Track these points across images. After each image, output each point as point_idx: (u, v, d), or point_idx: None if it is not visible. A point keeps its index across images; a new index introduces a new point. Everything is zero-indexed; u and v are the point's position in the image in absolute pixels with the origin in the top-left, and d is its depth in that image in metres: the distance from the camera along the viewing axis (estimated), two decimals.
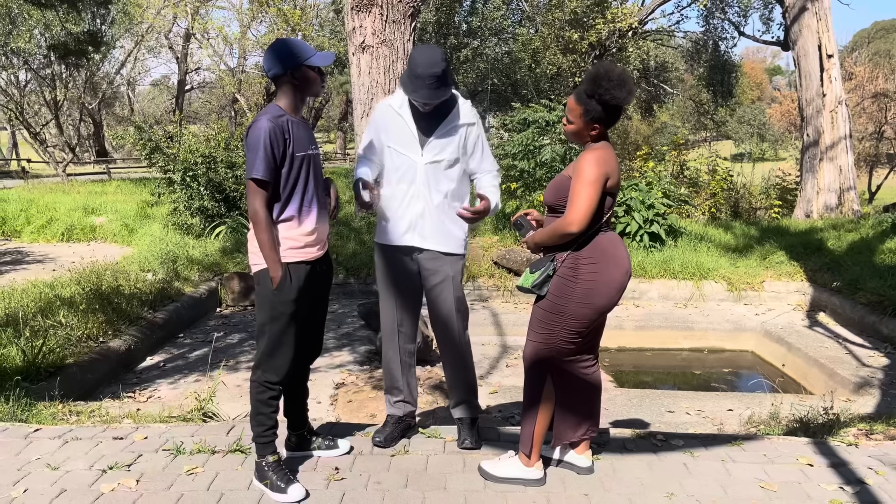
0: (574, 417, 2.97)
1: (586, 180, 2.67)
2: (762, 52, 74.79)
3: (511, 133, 10.09)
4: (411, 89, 2.98)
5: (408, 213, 3.11)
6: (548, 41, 21.22)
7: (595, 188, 2.67)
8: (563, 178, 2.83)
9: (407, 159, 3.08)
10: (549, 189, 2.88)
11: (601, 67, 2.71)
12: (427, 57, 2.93)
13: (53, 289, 6.25)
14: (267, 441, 2.87)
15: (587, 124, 2.74)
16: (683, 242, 8.94)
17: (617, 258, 2.77)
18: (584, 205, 2.66)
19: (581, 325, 2.77)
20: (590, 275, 2.73)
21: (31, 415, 3.79)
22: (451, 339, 3.22)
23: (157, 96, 46.68)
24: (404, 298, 3.22)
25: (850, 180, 12.56)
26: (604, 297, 2.74)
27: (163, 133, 11.05)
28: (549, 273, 2.77)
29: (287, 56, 2.73)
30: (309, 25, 24.40)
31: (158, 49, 35.00)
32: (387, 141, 3.12)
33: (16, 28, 19.56)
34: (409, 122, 3.08)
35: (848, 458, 3.24)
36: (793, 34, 12.85)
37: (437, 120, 3.07)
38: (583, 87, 2.73)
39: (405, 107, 3.10)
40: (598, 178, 2.67)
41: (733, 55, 27.11)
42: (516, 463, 2.96)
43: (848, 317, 6.91)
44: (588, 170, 2.67)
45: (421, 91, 2.94)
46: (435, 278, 3.15)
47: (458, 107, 3.11)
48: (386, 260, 3.22)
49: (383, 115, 3.15)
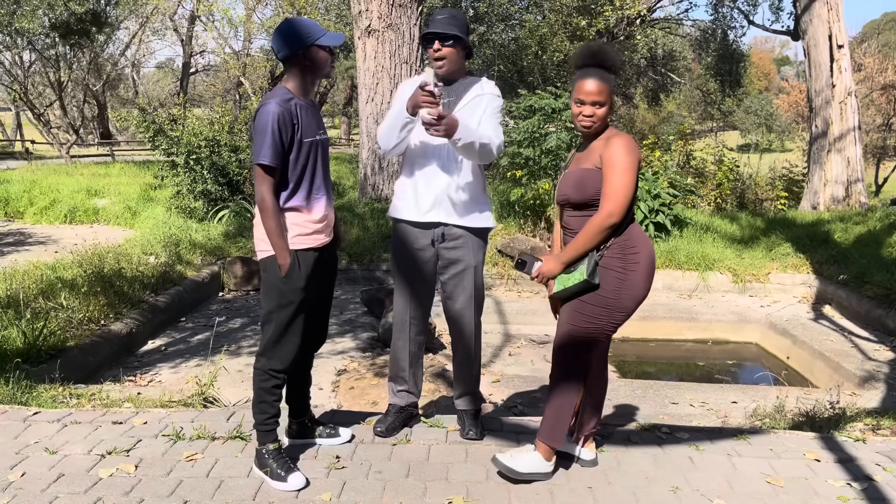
0: (594, 410, 2.95)
1: (624, 168, 2.58)
2: (770, 41, 74.30)
3: (517, 120, 10.01)
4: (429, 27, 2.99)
5: (432, 189, 3.02)
6: (555, 28, 21.05)
7: (632, 175, 2.60)
8: (584, 171, 2.70)
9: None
10: (571, 186, 2.73)
11: (593, 44, 2.69)
12: (439, 10, 3.04)
13: (55, 271, 6.22)
14: (268, 429, 2.84)
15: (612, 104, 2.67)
16: (689, 233, 8.87)
17: (648, 244, 2.72)
18: (625, 193, 2.58)
19: (625, 317, 2.72)
20: (635, 265, 2.66)
21: (31, 397, 3.77)
22: (465, 333, 3.17)
23: (161, 79, 46.52)
24: (418, 288, 3.16)
25: (857, 172, 12.45)
26: (647, 285, 2.70)
27: (167, 116, 10.99)
28: (597, 260, 2.66)
29: (296, 36, 2.66)
30: (314, 9, 24.21)
31: (163, 31, 34.77)
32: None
33: (20, 8, 19.45)
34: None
35: (855, 454, 3.20)
36: (803, 24, 12.70)
37: (460, 95, 3.03)
38: (601, 65, 2.65)
39: (430, 83, 3.05)
40: (633, 165, 2.60)
41: (742, 44, 26.87)
42: (538, 457, 2.84)
43: (854, 310, 6.86)
44: (625, 158, 2.59)
45: (434, 24, 2.96)
46: (455, 268, 3.08)
47: (482, 83, 3.06)
48: (402, 244, 3.13)
49: (409, 90, 3.05)
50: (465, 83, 3.07)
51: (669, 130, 25.43)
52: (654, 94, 29.06)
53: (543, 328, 6.43)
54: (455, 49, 2.98)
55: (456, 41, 2.97)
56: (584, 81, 2.65)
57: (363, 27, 9.34)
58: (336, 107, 42.65)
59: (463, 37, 2.97)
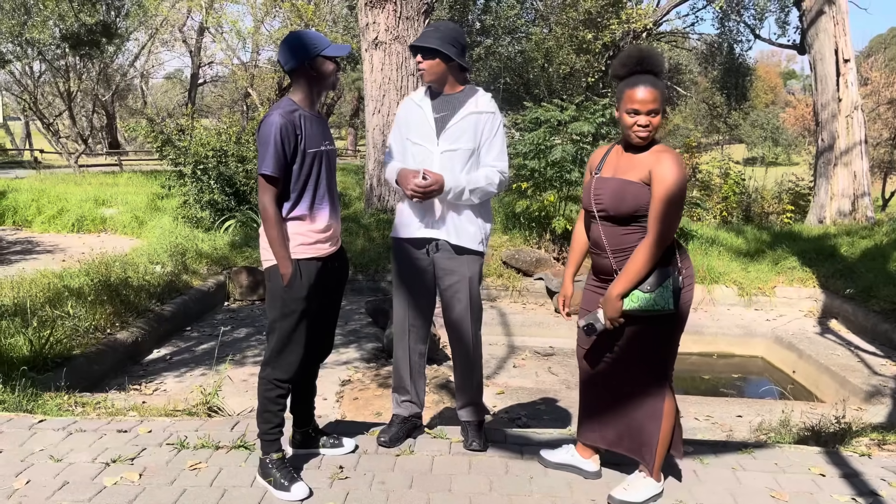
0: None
1: (678, 187, 2.47)
2: (777, 55, 74.38)
3: (522, 132, 10.03)
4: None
5: (423, 205, 3.04)
6: (561, 41, 21.11)
7: (684, 197, 2.52)
8: (629, 184, 2.57)
9: (423, 149, 3.03)
10: (611, 196, 2.60)
11: (638, 49, 2.57)
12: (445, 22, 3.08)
13: (62, 279, 6.26)
14: (272, 439, 2.84)
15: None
16: (694, 245, 8.87)
17: (688, 255, 2.71)
18: (678, 215, 2.48)
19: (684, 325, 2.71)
20: (690, 278, 2.66)
21: (37, 405, 3.78)
22: (463, 342, 3.17)
23: (169, 89, 46.81)
24: (417, 298, 3.17)
25: (864, 186, 12.44)
26: (693, 294, 2.69)
27: (175, 126, 11.07)
28: (678, 286, 2.57)
29: (301, 48, 2.70)
30: (322, 21, 24.38)
31: (172, 42, 35.09)
32: (406, 133, 3.09)
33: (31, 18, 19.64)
34: (428, 112, 3.05)
35: (861, 469, 3.18)
36: (809, 38, 12.73)
37: (455, 109, 3.04)
38: (652, 71, 2.53)
39: (425, 98, 3.09)
40: (685, 186, 2.51)
41: (748, 58, 26.88)
42: (651, 483, 2.81)
43: (860, 324, 6.83)
44: (679, 179, 2.47)
45: (419, 39, 2.98)
46: (450, 278, 3.09)
47: (477, 97, 3.06)
48: (401, 256, 3.17)
49: (405, 108, 3.14)
50: (458, 96, 3.05)
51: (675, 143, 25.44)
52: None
53: (548, 340, 6.43)
54: (436, 62, 2.97)
55: (437, 54, 2.95)
56: (635, 89, 2.51)
57: (370, 39, 9.40)
58: (343, 118, 42.82)
59: (441, 49, 2.92)
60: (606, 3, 19.48)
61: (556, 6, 22.62)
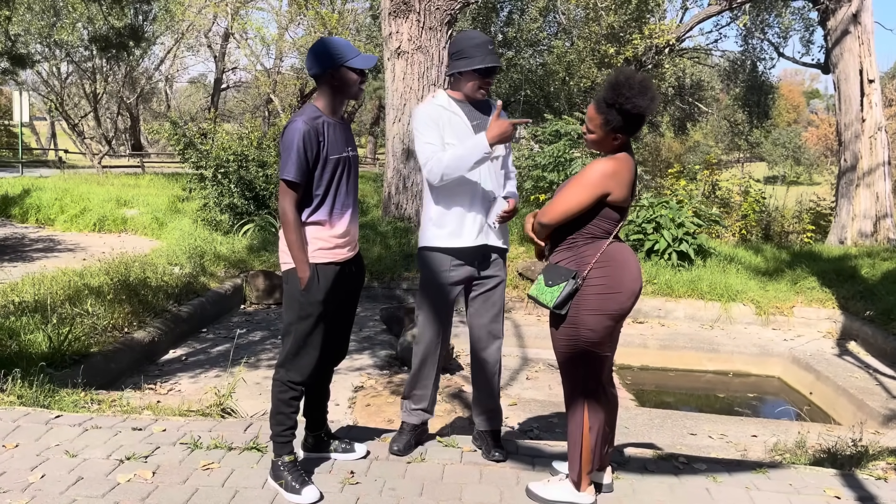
0: (605, 437, 2.92)
1: (579, 182, 2.67)
2: (800, 74, 73.82)
3: (542, 144, 10.04)
4: (480, 58, 2.95)
5: (477, 213, 3.04)
6: (583, 54, 21.14)
7: (584, 194, 2.64)
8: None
9: None
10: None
11: (621, 74, 2.62)
12: (474, 33, 3.03)
13: (82, 277, 6.33)
14: (285, 441, 2.86)
15: (608, 134, 2.65)
16: (712, 263, 8.80)
17: (627, 263, 2.71)
18: (564, 204, 2.67)
19: (598, 336, 2.69)
20: (600, 279, 2.66)
21: (54, 401, 3.82)
22: (493, 347, 3.19)
23: (193, 93, 47.34)
24: (449, 310, 3.16)
25: (886, 207, 12.30)
26: (615, 302, 2.67)
27: (197, 130, 11.19)
28: (571, 290, 2.67)
29: (328, 56, 2.72)
30: (346, 30, 24.58)
31: (197, 47, 35.47)
32: (448, 138, 3.00)
33: (59, 20, 20.00)
34: (465, 119, 3.04)
35: (876, 492, 3.14)
36: (833, 57, 12.64)
37: (485, 118, 3.07)
38: (602, 95, 2.62)
39: (454, 104, 3.06)
40: (591, 186, 2.63)
41: (771, 76, 26.79)
42: (568, 486, 2.83)
43: (880, 347, 6.74)
44: (588, 175, 2.66)
45: (488, 57, 2.96)
46: (491, 282, 3.14)
47: (495, 106, 3.10)
48: (443, 268, 3.07)
49: (439, 115, 3.03)
50: (481, 105, 3.13)
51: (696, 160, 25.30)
52: (681, 123, 28.99)
53: None
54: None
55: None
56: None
57: (393, 49, 9.46)
58: (363, 126, 43.06)
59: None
60: (630, 17, 19.48)
61: (579, 20, 22.66)
